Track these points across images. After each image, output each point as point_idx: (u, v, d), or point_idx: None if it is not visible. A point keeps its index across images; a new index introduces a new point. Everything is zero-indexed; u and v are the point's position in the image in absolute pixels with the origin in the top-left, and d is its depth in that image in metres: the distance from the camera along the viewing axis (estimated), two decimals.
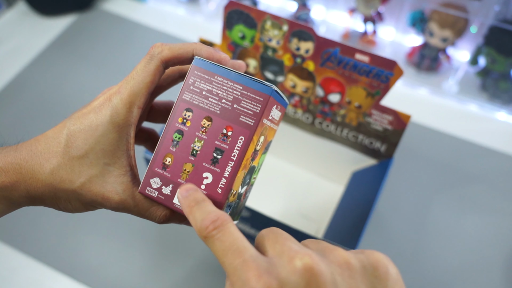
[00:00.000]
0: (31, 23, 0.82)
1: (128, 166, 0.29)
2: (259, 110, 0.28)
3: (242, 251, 0.22)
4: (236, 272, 0.22)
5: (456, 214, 0.58)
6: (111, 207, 0.29)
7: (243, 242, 0.23)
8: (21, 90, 0.72)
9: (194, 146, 0.29)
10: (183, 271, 0.53)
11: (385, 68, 0.44)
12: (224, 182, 0.28)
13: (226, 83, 0.29)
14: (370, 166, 0.54)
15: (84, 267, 0.53)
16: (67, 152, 0.28)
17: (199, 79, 0.29)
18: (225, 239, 0.23)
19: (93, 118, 0.28)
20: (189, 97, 0.29)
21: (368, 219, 0.44)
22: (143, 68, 0.29)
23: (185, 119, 0.29)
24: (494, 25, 0.63)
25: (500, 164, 0.63)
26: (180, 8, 0.84)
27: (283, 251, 0.22)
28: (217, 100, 0.29)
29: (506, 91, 0.68)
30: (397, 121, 0.48)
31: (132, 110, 0.29)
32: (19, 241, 0.55)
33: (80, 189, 0.28)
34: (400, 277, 0.24)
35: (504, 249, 0.55)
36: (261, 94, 0.28)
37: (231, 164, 0.28)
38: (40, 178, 0.28)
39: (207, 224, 0.24)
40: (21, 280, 0.53)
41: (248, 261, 0.22)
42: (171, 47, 0.29)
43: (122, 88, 0.29)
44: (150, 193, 0.29)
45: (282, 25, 0.47)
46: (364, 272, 0.23)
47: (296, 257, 0.22)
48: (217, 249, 0.23)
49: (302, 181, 0.60)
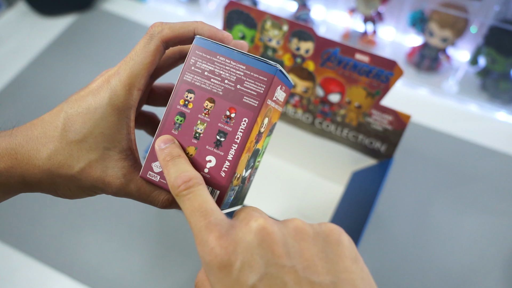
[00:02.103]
0: (31, 23, 0.82)
1: (129, 150, 0.29)
2: (263, 90, 0.27)
3: (209, 213, 0.24)
4: (200, 232, 0.23)
5: (456, 214, 0.58)
6: (112, 192, 0.29)
7: (211, 205, 0.24)
8: (21, 90, 0.72)
9: (197, 128, 0.28)
10: (183, 271, 0.53)
11: (385, 68, 0.44)
12: (227, 166, 0.27)
13: (228, 63, 0.28)
14: (370, 166, 0.54)
15: (84, 267, 0.53)
16: (65, 136, 0.27)
17: (200, 59, 0.28)
18: (194, 200, 0.24)
19: (91, 100, 0.27)
20: (190, 78, 0.28)
21: (368, 219, 0.44)
22: (142, 48, 0.28)
23: (187, 101, 0.28)
24: (494, 25, 0.63)
25: (500, 164, 0.63)
26: (180, 8, 0.84)
27: (244, 216, 0.24)
28: (220, 80, 0.28)
29: (506, 91, 0.68)
30: (397, 121, 0.48)
31: (132, 92, 0.28)
32: (19, 241, 0.55)
33: (79, 174, 0.27)
34: (353, 245, 0.24)
35: (504, 249, 0.55)
36: (265, 74, 0.27)
37: (235, 147, 0.27)
38: (36, 164, 0.27)
39: (179, 183, 0.25)
40: (21, 280, 0.52)
41: (212, 223, 0.23)
42: (171, 26, 0.28)
43: (121, 69, 0.28)
44: (151, 178, 0.28)
45: (282, 25, 0.47)
46: (316, 237, 0.24)
47: (252, 219, 0.23)
48: (186, 209, 0.24)
49: (302, 181, 0.60)
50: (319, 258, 0.23)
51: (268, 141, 0.33)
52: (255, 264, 0.22)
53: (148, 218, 0.57)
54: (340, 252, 0.23)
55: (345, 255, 0.23)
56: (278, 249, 0.22)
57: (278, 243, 0.22)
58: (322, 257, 0.23)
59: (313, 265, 0.22)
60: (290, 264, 0.22)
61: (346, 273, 0.23)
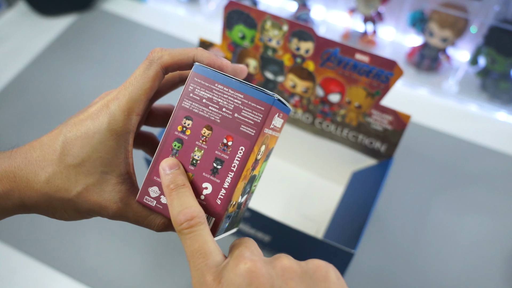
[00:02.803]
0: (31, 23, 0.82)
1: (126, 174, 0.29)
2: (260, 120, 0.27)
3: (208, 255, 0.25)
4: (197, 273, 0.24)
5: (456, 214, 0.58)
6: (108, 216, 0.29)
7: (210, 247, 0.25)
8: (21, 90, 0.72)
9: (194, 155, 0.28)
10: (183, 271, 0.53)
11: (385, 68, 0.44)
12: (223, 193, 0.28)
13: (226, 91, 0.28)
14: (370, 166, 0.54)
15: (84, 267, 0.53)
16: (63, 160, 0.27)
17: (199, 87, 0.28)
18: (195, 240, 0.25)
19: (90, 125, 0.27)
20: (188, 105, 0.28)
21: (368, 219, 0.44)
22: (142, 74, 0.28)
23: (185, 127, 0.28)
24: (494, 25, 0.63)
25: (500, 164, 0.63)
26: (180, 8, 0.84)
27: (236, 256, 0.25)
28: (218, 108, 0.28)
29: (506, 91, 0.68)
30: (397, 121, 0.48)
31: (130, 117, 0.28)
32: (19, 241, 0.55)
33: (76, 198, 0.28)
34: (340, 281, 0.25)
35: (504, 249, 0.55)
36: (263, 104, 0.27)
37: (231, 175, 0.27)
38: (34, 187, 0.27)
39: (182, 221, 0.25)
40: (21, 280, 0.53)
41: (209, 266, 0.24)
42: (171, 52, 0.28)
43: (120, 94, 0.28)
44: (148, 202, 0.29)
45: (282, 25, 0.47)
46: (304, 275, 0.25)
47: (242, 262, 0.24)
48: (186, 248, 0.25)
49: (302, 181, 0.60)
50: None
51: (265, 166, 0.33)
52: None
53: None
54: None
55: None
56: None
57: (265, 285, 0.23)
58: None
59: None
60: None
61: None
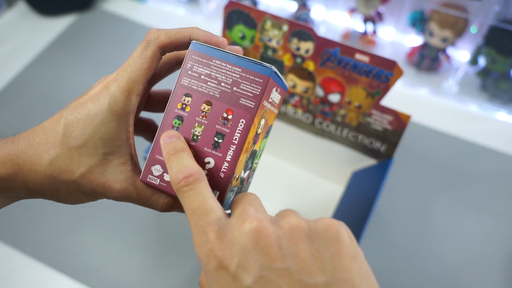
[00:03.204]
0: (31, 23, 0.82)
1: (129, 155, 0.29)
2: (259, 91, 0.28)
3: (209, 213, 0.24)
4: (199, 231, 0.23)
5: (456, 214, 0.58)
6: (112, 196, 0.29)
7: (211, 204, 0.24)
8: (21, 90, 0.72)
9: (195, 131, 0.28)
10: (183, 271, 0.53)
11: (385, 68, 0.44)
12: (226, 166, 0.28)
13: (224, 66, 0.28)
14: (370, 166, 0.54)
15: (84, 267, 0.53)
16: (65, 142, 0.28)
17: (197, 63, 0.29)
18: (194, 198, 0.24)
19: (91, 107, 0.28)
20: (187, 82, 0.29)
21: (368, 219, 0.44)
22: (139, 54, 0.29)
23: (184, 104, 0.29)
24: (494, 25, 0.63)
25: (500, 164, 0.63)
26: (180, 8, 0.84)
27: (240, 214, 0.24)
28: (216, 83, 0.28)
29: (506, 91, 0.68)
30: (397, 121, 0.48)
31: (130, 97, 0.28)
32: (19, 241, 0.55)
33: (80, 179, 0.28)
34: (353, 241, 0.24)
35: (504, 249, 0.55)
36: (261, 76, 0.28)
37: (233, 148, 0.28)
38: (38, 170, 0.28)
39: (180, 178, 0.25)
40: (21, 280, 0.53)
41: (211, 224, 0.23)
42: (167, 32, 0.29)
43: (119, 75, 0.28)
44: (151, 181, 0.29)
45: (282, 25, 0.47)
46: (313, 235, 0.23)
47: (247, 220, 0.23)
48: (186, 206, 0.24)
49: (302, 181, 0.60)
50: (315, 258, 0.23)
51: (265, 143, 0.33)
52: (250, 267, 0.22)
53: (148, 218, 0.57)
54: (338, 249, 0.23)
55: (343, 252, 0.23)
56: (273, 251, 0.22)
57: (272, 245, 0.22)
58: (318, 257, 0.23)
59: (309, 266, 0.22)
60: (285, 267, 0.22)
61: (343, 272, 0.22)
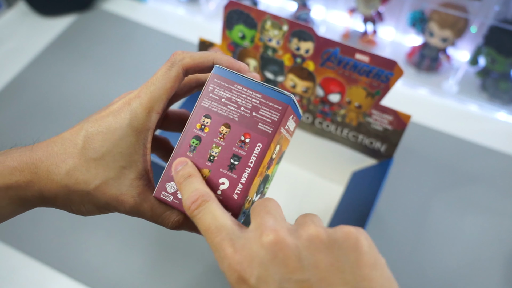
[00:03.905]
0: (31, 23, 0.82)
1: (144, 171, 0.30)
2: (277, 118, 0.29)
3: (220, 229, 0.24)
4: (216, 249, 0.24)
5: (456, 214, 0.58)
6: (125, 210, 0.29)
7: (221, 220, 0.25)
8: (21, 90, 0.72)
9: (212, 151, 0.29)
10: (183, 271, 0.53)
11: (385, 68, 0.44)
12: (240, 188, 0.28)
13: (245, 91, 0.29)
14: (370, 166, 0.54)
15: (84, 267, 0.53)
16: (84, 153, 0.28)
17: (218, 87, 0.29)
18: (205, 219, 0.25)
19: (112, 121, 0.29)
20: (208, 104, 0.29)
21: (368, 219, 0.44)
22: (163, 74, 0.29)
23: (203, 125, 0.29)
24: (494, 25, 0.63)
25: (500, 164, 0.63)
26: (180, 8, 0.84)
27: (258, 226, 0.24)
28: (236, 107, 0.29)
29: (506, 91, 0.68)
30: (397, 121, 0.48)
31: (151, 115, 0.29)
32: (19, 241, 0.55)
33: (94, 191, 0.28)
34: (373, 249, 0.24)
35: (504, 249, 0.55)
36: (280, 103, 0.29)
37: (248, 171, 0.28)
38: (55, 179, 0.28)
39: (189, 204, 0.26)
40: (21, 280, 0.52)
41: (225, 239, 0.24)
42: (192, 55, 0.30)
43: (142, 93, 0.29)
44: (165, 198, 0.29)
45: (282, 25, 0.47)
46: (332, 245, 0.23)
47: (265, 233, 0.23)
48: (200, 228, 0.25)
49: (302, 181, 0.60)
50: (335, 268, 0.22)
51: (277, 168, 0.34)
52: (270, 280, 0.22)
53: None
54: (358, 259, 0.23)
55: (363, 262, 0.23)
56: (292, 263, 0.22)
57: (291, 257, 0.23)
58: (338, 267, 0.22)
59: (329, 276, 0.22)
60: (305, 278, 0.22)
61: (364, 282, 0.22)
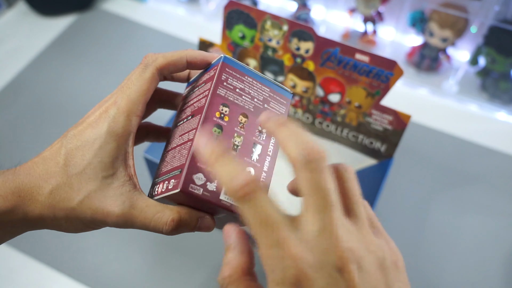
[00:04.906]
0: (31, 23, 0.82)
1: (127, 176, 0.29)
2: (284, 111, 0.30)
3: (280, 225, 0.21)
4: (272, 249, 0.21)
5: (456, 214, 0.58)
6: (112, 222, 0.28)
7: (280, 214, 0.22)
8: (21, 90, 0.72)
9: (235, 141, 0.28)
10: (183, 271, 0.53)
11: (385, 68, 0.44)
12: (264, 176, 0.29)
13: (255, 83, 0.30)
14: (370, 166, 0.54)
15: (84, 267, 0.53)
16: (66, 171, 0.28)
17: (231, 77, 0.29)
18: (260, 208, 0.22)
19: (90, 133, 0.28)
20: (224, 93, 0.29)
21: None
22: (138, 77, 0.29)
23: (223, 113, 0.28)
24: (494, 25, 0.63)
25: (500, 164, 0.63)
26: (180, 8, 0.84)
27: (325, 229, 0.22)
28: (250, 98, 0.29)
29: (506, 91, 0.68)
30: (397, 121, 0.48)
31: (130, 118, 0.28)
32: (19, 241, 0.55)
33: (79, 206, 0.28)
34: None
35: (504, 249, 0.55)
36: (285, 98, 0.30)
37: (268, 159, 0.29)
38: (39, 200, 0.27)
39: (237, 187, 0.21)
40: (21, 280, 0.52)
41: (287, 240, 0.21)
42: (164, 55, 0.30)
43: (119, 98, 0.29)
44: (194, 191, 0.27)
45: (282, 25, 0.47)
46: (389, 268, 0.24)
47: (339, 246, 0.21)
48: (252, 218, 0.22)
49: None
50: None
51: None
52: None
53: None
54: None
55: None
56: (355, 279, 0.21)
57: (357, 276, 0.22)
58: None
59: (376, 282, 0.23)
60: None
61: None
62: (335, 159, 0.57)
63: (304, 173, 0.22)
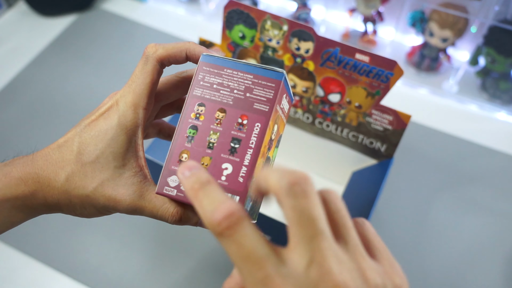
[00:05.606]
0: (31, 23, 0.82)
1: (138, 167, 0.30)
2: (272, 95, 0.29)
3: (265, 262, 0.20)
4: (258, 285, 0.20)
5: (456, 214, 0.58)
6: (123, 209, 0.30)
7: (264, 248, 0.20)
8: (21, 90, 0.72)
9: (210, 139, 0.29)
10: (183, 270, 0.53)
11: (385, 68, 0.44)
12: (245, 171, 0.28)
13: (236, 74, 0.29)
14: (370, 166, 0.54)
15: (84, 267, 0.53)
16: (80, 159, 0.29)
17: (208, 74, 0.29)
18: (242, 243, 0.20)
19: (103, 123, 0.29)
20: (200, 92, 0.29)
21: (368, 219, 0.44)
22: (141, 70, 0.30)
23: (198, 113, 0.29)
24: (494, 25, 0.63)
25: (500, 164, 0.63)
26: (180, 8, 0.84)
27: (315, 261, 0.20)
28: (229, 91, 0.29)
29: (506, 91, 0.68)
30: (397, 121, 0.48)
31: (137, 111, 0.30)
32: (19, 241, 0.55)
33: (93, 193, 0.29)
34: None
35: (504, 249, 0.55)
36: (273, 80, 0.29)
37: (250, 152, 0.28)
38: (56, 186, 0.29)
39: (219, 220, 0.20)
40: (21, 280, 0.52)
41: (273, 278, 0.19)
42: (165, 46, 0.30)
43: (125, 92, 0.30)
44: (168, 192, 0.29)
45: (282, 25, 0.47)
46: None
47: (330, 280, 0.19)
48: (233, 254, 0.20)
49: None
50: None
51: (276, 152, 0.33)
52: None
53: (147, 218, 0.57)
54: None
55: None
56: None
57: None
58: None
59: None
60: None
61: None
62: (335, 159, 0.57)
63: (288, 200, 0.20)
